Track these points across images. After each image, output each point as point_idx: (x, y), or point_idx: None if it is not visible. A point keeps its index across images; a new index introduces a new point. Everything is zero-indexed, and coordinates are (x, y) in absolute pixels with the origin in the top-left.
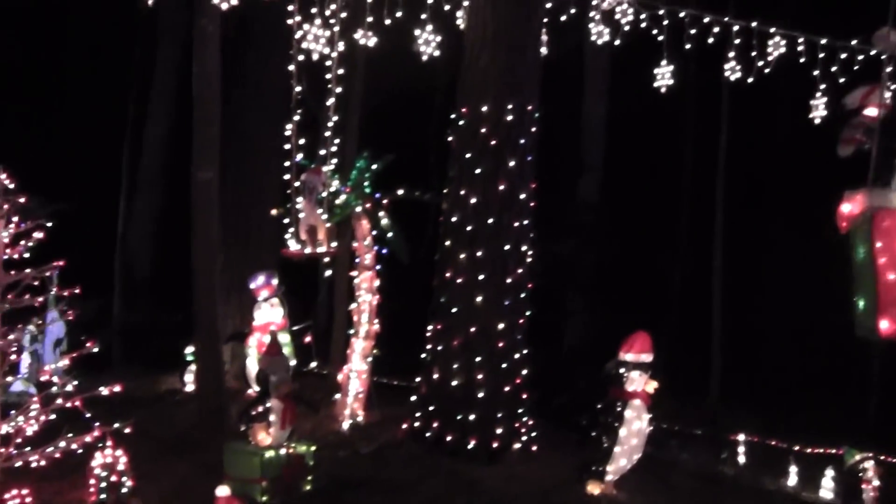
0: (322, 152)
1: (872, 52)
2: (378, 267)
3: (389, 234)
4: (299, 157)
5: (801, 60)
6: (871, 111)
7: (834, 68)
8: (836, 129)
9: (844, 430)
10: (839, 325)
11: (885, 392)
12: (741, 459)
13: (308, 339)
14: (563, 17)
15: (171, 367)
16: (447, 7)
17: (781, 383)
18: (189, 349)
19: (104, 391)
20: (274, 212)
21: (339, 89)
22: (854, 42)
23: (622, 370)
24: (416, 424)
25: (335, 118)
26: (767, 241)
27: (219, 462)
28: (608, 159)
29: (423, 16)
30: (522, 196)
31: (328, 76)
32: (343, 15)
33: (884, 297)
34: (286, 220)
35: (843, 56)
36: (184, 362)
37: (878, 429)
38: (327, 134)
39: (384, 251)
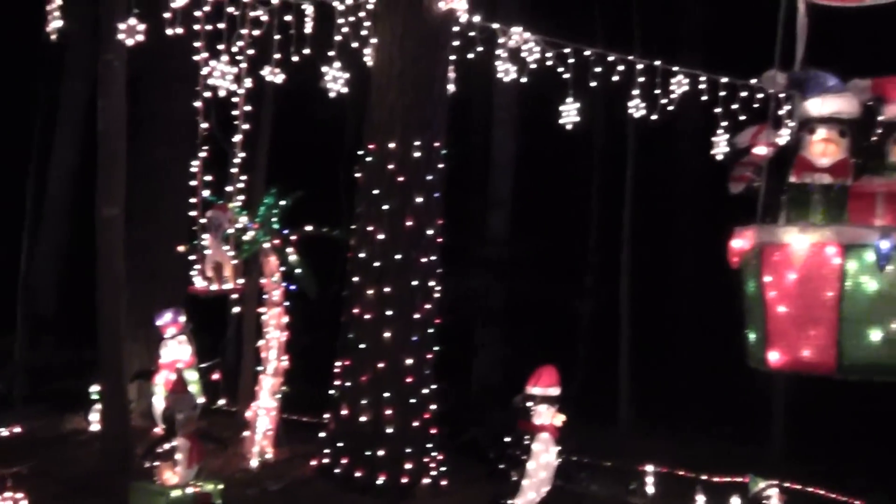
0: (229, 189)
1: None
2: (286, 303)
3: (298, 271)
4: (206, 193)
5: (704, 98)
6: (760, 150)
7: (735, 106)
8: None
9: (750, 458)
10: (744, 355)
11: (789, 420)
12: (650, 490)
13: (216, 376)
14: (471, 55)
15: (75, 406)
16: (354, 44)
17: (690, 413)
18: (94, 388)
19: (4, 432)
20: (180, 248)
21: (246, 126)
22: (753, 81)
23: (530, 403)
24: (325, 461)
25: (242, 154)
26: (673, 274)
27: (124, 502)
28: (517, 194)
29: (331, 53)
30: (430, 232)
31: (236, 112)
32: (250, 52)
33: (773, 330)
34: (192, 257)
35: (743, 94)
36: (89, 401)
37: (783, 457)
38: (234, 170)
39: (292, 287)
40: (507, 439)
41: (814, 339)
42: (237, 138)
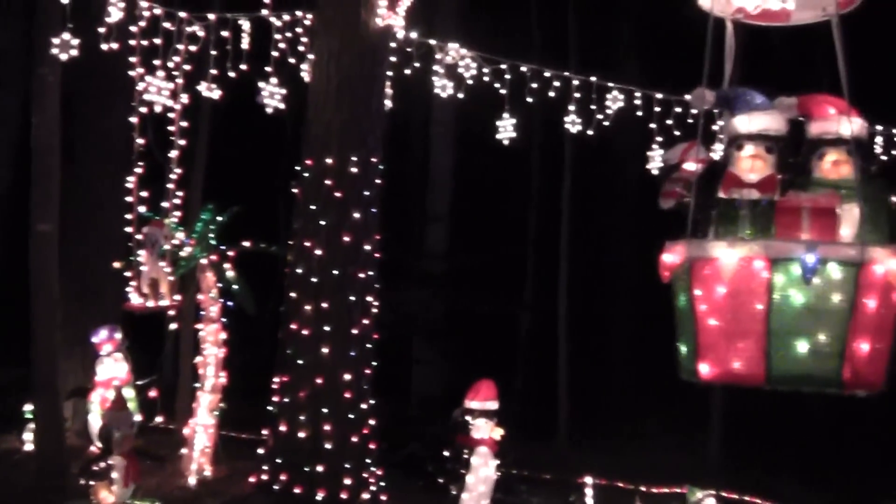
0: (166, 205)
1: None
2: (224, 319)
3: (235, 287)
4: (142, 209)
5: (639, 114)
6: (690, 166)
7: (669, 121)
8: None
9: (688, 468)
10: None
11: (726, 430)
12: (589, 501)
13: (153, 393)
14: (408, 71)
15: (9, 425)
16: (292, 60)
17: (627, 424)
18: (28, 407)
19: None
20: (116, 265)
21: (182, 141)
22: (687, 97)
23: (468, 418)
24: (264, 478)
25: (179, 170)
26: (611, 287)
27: None
28: (454, 209)
29: (268, 69)
30: (367, 247)
31: (172, 128)
32: (187, 67)
33: (703, 342)
34: (128, 274)
35: (678, 110)
36: (22, 420)
37: (720, 466)
38: (171, 186)
39: (230, 303)
40: (446, 454)
41: (743, 351)
42: (173, 154)
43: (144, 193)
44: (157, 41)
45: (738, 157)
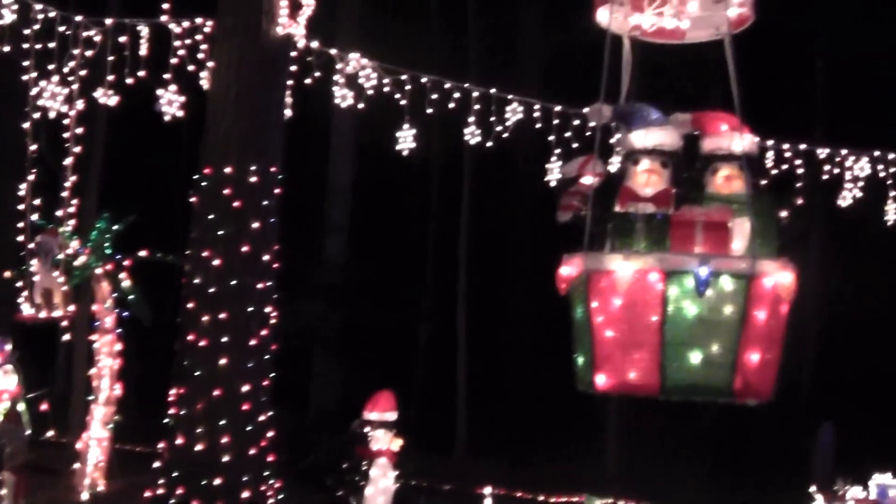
0: (60, 213)
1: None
2: (119, 330)
3: (131, 297)
4: (35, 217)
5: (538, 126)
6: (587, 180)
7: (568, 134)
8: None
9: (586, 477)
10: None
11: (622, 439)
12: None
13: (44, 406)
14: (308, 80)
15: None
16: (191, 67)
17: (526, 435)
18: None
19: None
20: (7, 274)
21: (77, 148)
22: (585, 110)
23: (367, 429)
24: (160, 492)
25: (74, 178)
26: (510, 299)
27: None
28: (354, 219)
29: (167, 76)
30: (266, 258)
31: (67, 134)
32: (83, 72)
33: (600, 354)
34: (20, 284)
35: (576, 122)
36: None
37: (617, 475)
38: (65, 194)
39: (126, 314)
40: (345, 465)
41: (639, 361)
42: (68, 161)
43: (37, 201)
44: (52, 45)
45: (634, 172)
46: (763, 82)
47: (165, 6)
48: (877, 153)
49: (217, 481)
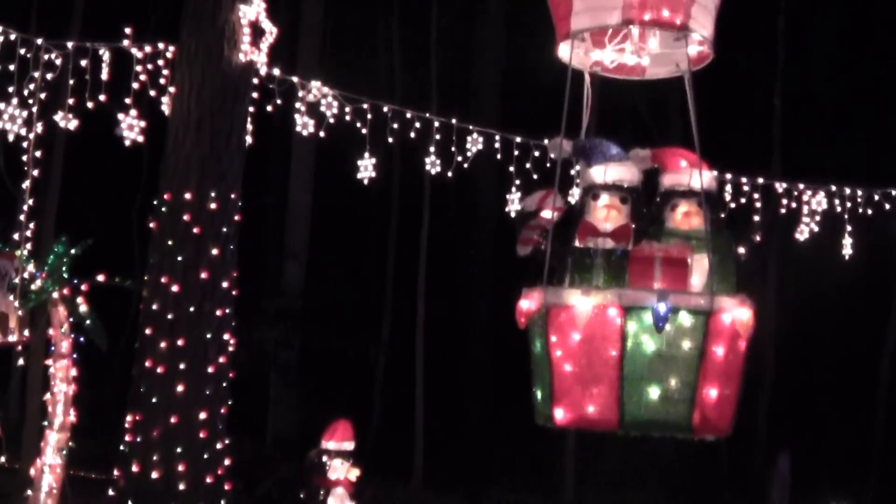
0: (16, 236)
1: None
2: (75, 355)
3: (88, 322)
4: None
5: (498, 157)
6: (547, 213)
7: (528, 165)
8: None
9: None
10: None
11: (579, 472)
12: None
13: None
14: (269, 108)
15: None
16: (152, 92)
17: (483, 466)
18: None
19: None
20: None
21: (35, 171)
22: (546, 141)
23: (324, 458)
24: None
25: (31, 201)
26: (468, 328)
27: None
28: (313, 246)
29: (127, 100)
30: (225, 284)
31: (25, 158)
32: (42, 95)
33: (558, 388)
34: None
35: (536, 154)
36: None
37: None
38: (22, 217)
39: (82, 339)
40: (302, 494)
41: (597, 396)
42: (26, 184)
43: None
44: (12, 67)
45: (594, 207)
46: (721, 116)
47: (127, 30)
48: (833, 187)
49: None
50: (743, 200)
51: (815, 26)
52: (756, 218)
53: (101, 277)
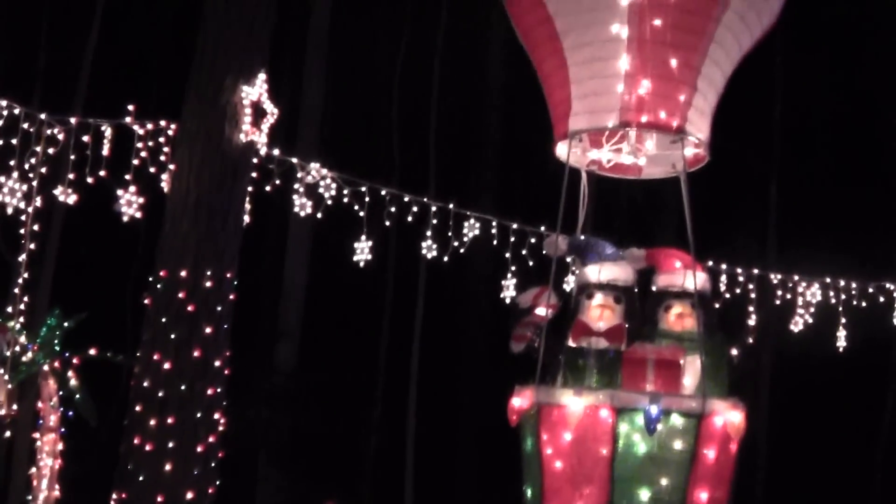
0: (10, 309)
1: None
2: (62, 429)
3: (77, 396)
4: None
5: (494, 242)
6: (541, 311)
7: (524, 251)
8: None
9: None
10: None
11: None
12: None
13: None
14: (268, 188)
15: None
16: (152, 169)
17: None
18: None
19: None
20: None
21: (32, 245)
22: (542, 228)
23: None
24: None
25: (26, 274)
26: (460, 414)
27: None
28: (306, 326)
29: (127, 176)
30: (217, 364)
31: (22, 231)
32: (43, 169)
33: (549, 486)
34: None
35: (532, 241)
36: None
37: None
38: (17, 290)
39: (70, 413)
40: None
41: (588, 496)
42: (22, 257)
43: None
44: (14, 141)
45: (588, 306)
46: (717, 205)
47: (130, 107)
48: (828, 279)
49: None
50: (738, 291)
51: (812, 116)
52: (750, 309)
53: (92, 351)
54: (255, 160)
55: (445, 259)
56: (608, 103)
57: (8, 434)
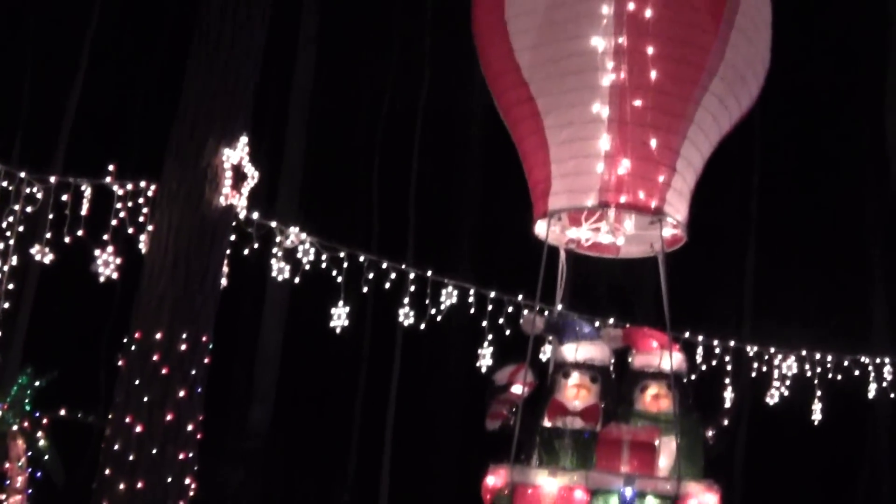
0: None
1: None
2: (29, 490)
3: (46, 456)
4: None
5: (471, 311)
6: (517, 389)
7: (500, 320)
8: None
9: None
10: None
11: None
12: None
13: None
14: (247, 251)
15: None
16: (130, 229)
17: None
18: None
19: None
20: None
21: (6, 304)
22: (520, 297)
23: None
24: None
25: None
26: (434, 485)
27: None
28: (281, 390)
29: (105, 236)
30: (190, 427)
31: None
32: (20, 228)
33: None
34: None
35: (510, 310)
36: None
37: None
38: None
39: (38, 474)
40: None
41: None
42: None
43: None
44: None
45: (564, 385)
46: (694, 277)
47: (111, 167)
48: (804, 352)
49: None
50: (714, 363)
51: (788, 190)
52: (727, 381)
53: (63, 412)
54: (234, 223)
55: (422, 326)
56: (588, 183)
57: None
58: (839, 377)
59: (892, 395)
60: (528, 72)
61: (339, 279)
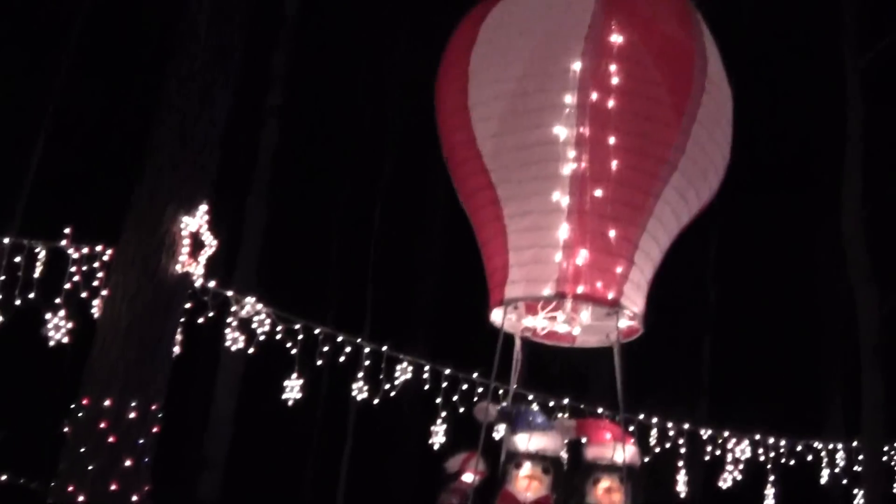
0: None
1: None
2: None
3: None
4: None
5: (426, 387)
6: (468, 477)
7: (455, 397)
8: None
9: None
10: None
11: None
12: None
13: None
14: (201, 320)
15: None
16: (84, 293)
17: None
18: None
19: None
20: None
21: None
22: (475, 375)
23: None
24: None
25: None
26: None
27: None
28: (232, 457)
29: (58, 300)
30: (134, 498)
31: None
32: None
33: None
34: None
35: (465, 387)
36: None
37: None
38: None
39: None
40: None
41: None
42: None
43: None
44: None
45: (516, 476)
46: (648, 357)
47: (66, 230)
48: (758, 436)
49: None
50: (668, 445)
51: (746, 268)
52: (680, 464)
53: (4, 476)
54: (190, 291)
55: (376, 401)
56: (545, 272)
57: None
58: (792, 462)
59: (845, 482)
60: (490, 160)
61: (294, 351)
